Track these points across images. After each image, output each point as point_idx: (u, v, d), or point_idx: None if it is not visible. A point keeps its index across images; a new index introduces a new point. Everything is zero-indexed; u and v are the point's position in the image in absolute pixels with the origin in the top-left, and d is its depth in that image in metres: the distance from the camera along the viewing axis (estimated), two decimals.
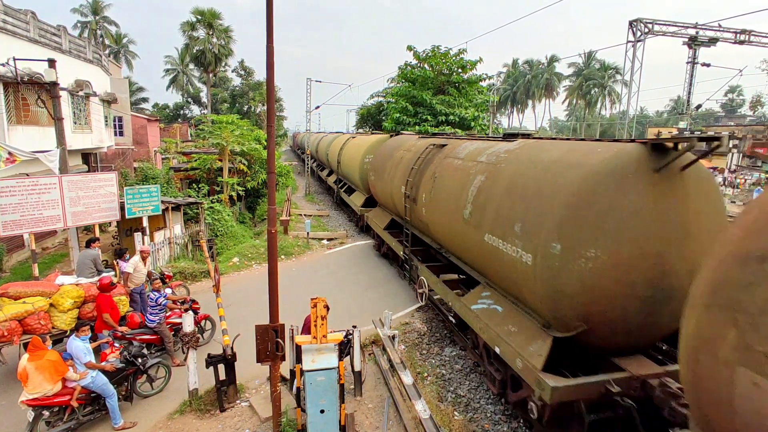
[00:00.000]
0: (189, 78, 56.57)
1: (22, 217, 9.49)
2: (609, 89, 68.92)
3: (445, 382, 7.93)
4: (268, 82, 5.42)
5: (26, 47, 13.94)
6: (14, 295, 7.34)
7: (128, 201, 11.61)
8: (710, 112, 66.08)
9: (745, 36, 23.79)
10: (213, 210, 17.26)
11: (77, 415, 6.13)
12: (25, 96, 14.30)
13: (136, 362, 6.80)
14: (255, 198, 24.35)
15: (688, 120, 29.24)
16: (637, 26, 22.30)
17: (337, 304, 10.32)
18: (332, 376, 5.47)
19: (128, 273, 8.93)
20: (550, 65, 75.62)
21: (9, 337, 6.94)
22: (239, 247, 15.55)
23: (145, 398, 7.11)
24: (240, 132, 21.71)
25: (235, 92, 49.18)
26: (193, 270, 12.80)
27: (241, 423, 6.55)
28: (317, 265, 14.69)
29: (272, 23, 5.13)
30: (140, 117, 31.23)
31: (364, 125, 36.56)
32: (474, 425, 6.77)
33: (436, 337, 9.67)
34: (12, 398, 6.66)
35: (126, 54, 53.18)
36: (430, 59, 25.09)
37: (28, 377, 5.72)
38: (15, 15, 13.77)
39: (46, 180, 9.96)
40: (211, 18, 45.66)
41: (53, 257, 15.69)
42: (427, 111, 24.65)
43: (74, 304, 7.63)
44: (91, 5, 48.49)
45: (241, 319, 9.80)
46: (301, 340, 5.88)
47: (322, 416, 5.50)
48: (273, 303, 5.79)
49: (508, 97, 78.49)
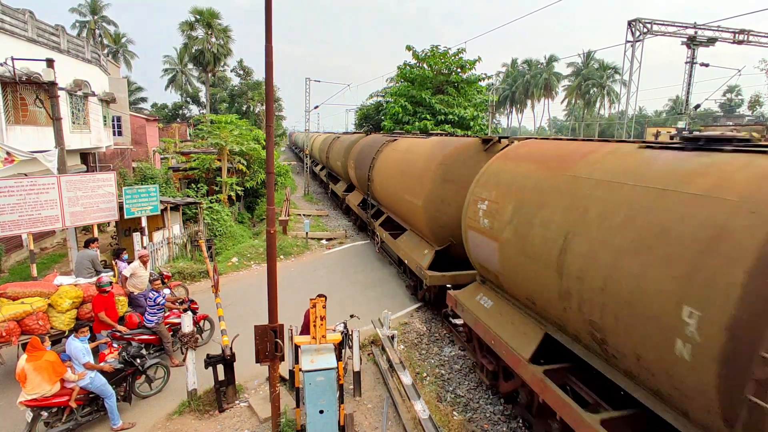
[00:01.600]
0: (188, 78, 56.46)
1: (21, 217, 9.47)
2: (608, 89, 68.97)
3: (444, 382, 7.93)
4: (267, 82, 5.41)
5: (24, 47, 13.90)
6: (12, 295, 7.33)
7: (127, 201, 11.58)
8: (709, 112, 66.15)
9: (744, 36, 23.81)
10: (212, 210, 17.24)
11: (76, 416, 6.12)
12: (24, 96, 14.26)
13: (134, 363, 6.78)
14: (254, 198, 24.33)
15: (687, 120, 29.26)
16: (636, 26, 22.32)
17: (336, 305, 10.31)
18: (331, 376, 5.46)
19: (125, 276, 8.76)
20: (549, 65, 75.64)
21: (7, 338, 6.93)
22: (238, 247, 15.54)
23: (143, 399, 7.09)
24: (239, 132, 21.70)
25: (234, 92, 49.02)
26: (192, 270, 12.78)
27: (240, 423, 6.55)
28: (316, 265, 14.68)
29: (271, 23, 5.12)
30: (139, 117, 31.16)
31: (364, 125, 36.56)
32: (473, 425, 6.78)
33: (435, 337, 9.67)
34: (10, 399, 6.65)
35: (125, 54, 53.06)
36: (429, 59, 25.08)
37: (26, 378, 5.71)
38: (13, 14, 13.73)
39: (44, 180, 9.93)
40: (209, 18, 45.55)
41: (52, 257, 15.66)
42: (427, 110, 24.66)
43: (73, 304, 7.61)
44: (90, 5, 48.36)
45: (240, 320, 9.79)
46: (300, 340, 5.88)
47: (321, 416, 5.49)
48: (272, 303, 5.79)
49: (507, 97, 78.53)
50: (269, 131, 5.54)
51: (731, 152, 3.98)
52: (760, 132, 28.94)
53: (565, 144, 6.34)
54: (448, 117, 24.23)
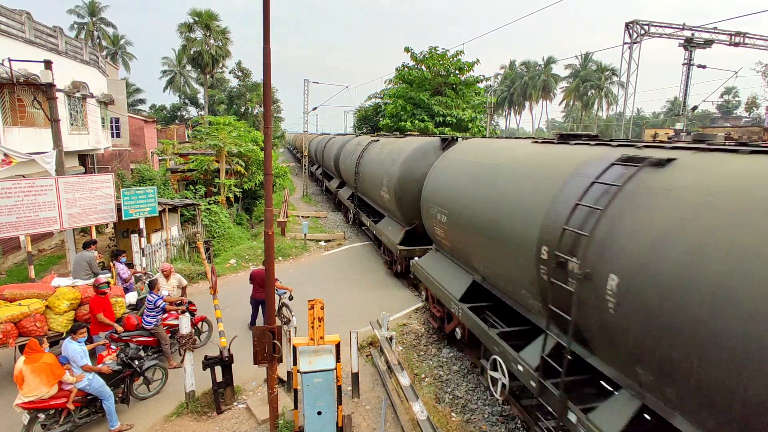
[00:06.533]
0: (186, 79, 56.46)
1: (18, 218, 9.45)
2: (606, 91, 69.13)
3: (442, 383, 7.94)
4: (264, 83, 5.42)
5: (22, 48, 13.89)
6: (10, 297, 7.31)
7: (125, 203, 11.56)
8: (706, 114, 66.33)
9: (740, 38, 23.92)
10: (210, 211, 17.22)
11: (73, 418, 6.10)
12: (21, 97, 14.24)
13: (132, 364, 6.78)
14: (252, 199, 24.31)
15: (685, 121, 29.32)
16: (633, 28, 22.42)
17: (335, 306, 10.32)
18: (329, 377, 5.47)
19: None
20: (547, 67, 75.82)
21: (4, 340, 6.90)
22: (236, 249, 15.52)
23: (141, 400, 7.08)
24: (237, 133, 21.68)
25: (233, 93, 48.98)
26: (190, 272, 12.76)
27: (238, 425, 6.54)
28: (314, 267, 14.68)
29: (269, 24, 5.13)
30: (137, 118, 31.08)
31: (362, 127, 36.60)
32: (471, 426, 6.78)
33: (434, 338, 9.68)
34: (7, 401, 6.62)
35: (123, 55, 53.05)
36: (428, 60, 25.14)
37: (24, 380, 5.68)
38: (10, 15, 13.72)
39: (42, 182, 9.91)
40: (208, 19, 45.57)
41: (50, 259, 15.62)
42: (425, 112, 24.69)
43: (70, 306, 7.60)
44: (88, 6, 48.35)
45: (238, 321, 9.79)
46: (299, 341, 5.88)
47: (319, 418, 5.50)
48: (270, 305, 5.79)
49: (505, 99, 78.66)
50: (267, 133, 5.55)
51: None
52: (757, 134, 28.99)
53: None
54: (447, 119, 24.27)
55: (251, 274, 9.36)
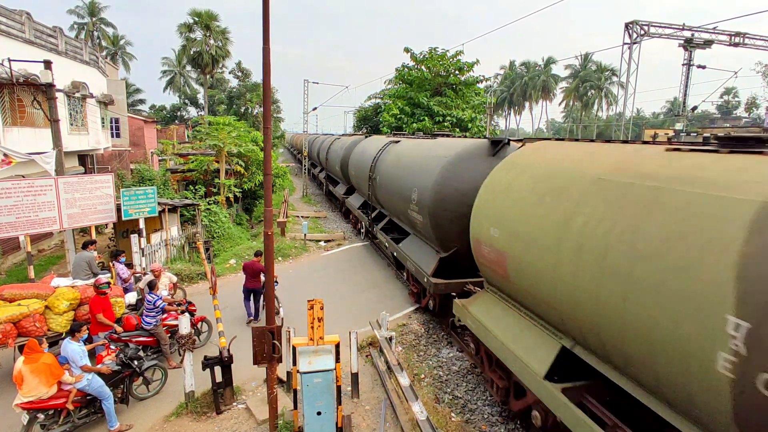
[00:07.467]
0: (186, 79, 56.46)
1: (18, 218, 9.44)
2: (605, 91, 69.15)
3: (442, 384, 7.93)
4: (264, 83, 5.42)
5: (22, 48, 13.89)
6: (9, 297, 7.31)
7: (125, 203, 11.55)
8: (706, 114, 66.35)
9: (740, 38, 23.95)
10: (210, 212, 17.22)
11: (72, 418, 6.10)
12: (21, 97, 14.24)
13: (132, 365, 6.77)
14: (252, 199, 24.32)
15: (684, 121, 29.36)
16: (633, 28, 22.44)
17: (334, 306, 10.32)
18: (329, 377, 5.46)
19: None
20: (546, 67, 75.86)
21: (4, 340, 6.90)
22: (236, 249, 15.52)
23: (141, 401, 7.07)
24: (237, 133, 21.68)
25: (232, 94, 49.03)
26: (190, 272, 12.76)
27: (238, 425, 6.53)
28: (314, 267, 14.67)
29: (269, 24, 5.13)
30: (137, 118, 31.09)
31: (362, 127, 36.58)
32: (471, 426, 6.78)
33: (434, 338, 9.67)
34: (7, 401, 6.62)
35: (123, 55, 53.04)
36: (427, 61, 25.13)
37: (23, 380, 5.68)
38: (9, 15, 13.72)
39: (42, 182, 9.91)
40: (208, 19, 45.58)
41: (49, 259, 15.62)
42: (424, 112, 24.69)
43: (70, 306, 7.59)
44: (88, 6, 48.35)
45: (238, 321, 9.80)
46: (298, 342, 5.87)
47: (318, 418, 5.49)
48: (269, 305, 5.78)
49: (505, 99, 78.69)
50: (267, 133, 5.54)
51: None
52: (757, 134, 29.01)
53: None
54: (446, 119, 24.27)
55: (243, 265, 10.09)
